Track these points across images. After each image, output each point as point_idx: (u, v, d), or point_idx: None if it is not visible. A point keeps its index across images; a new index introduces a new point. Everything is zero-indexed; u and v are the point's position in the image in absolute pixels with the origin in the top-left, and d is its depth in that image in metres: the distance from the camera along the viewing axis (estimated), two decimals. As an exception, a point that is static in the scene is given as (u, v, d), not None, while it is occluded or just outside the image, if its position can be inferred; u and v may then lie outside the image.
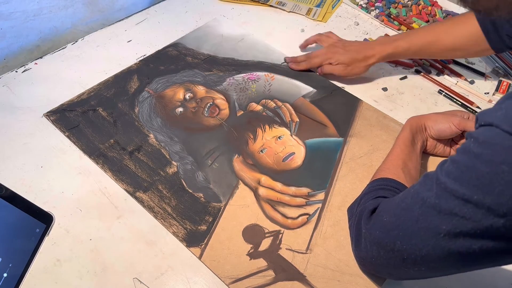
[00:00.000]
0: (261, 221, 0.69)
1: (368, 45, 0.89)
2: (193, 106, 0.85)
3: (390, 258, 0.54)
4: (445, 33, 0.85)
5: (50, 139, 0.77)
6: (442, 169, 0.48)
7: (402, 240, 0.51)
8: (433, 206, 0.47)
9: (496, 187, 0.41)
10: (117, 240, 0.66)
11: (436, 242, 0.47)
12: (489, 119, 0.44)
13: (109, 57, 0.93)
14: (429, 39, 0.85)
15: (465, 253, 0.46)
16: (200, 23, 1.03)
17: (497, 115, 0.43)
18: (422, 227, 0.48)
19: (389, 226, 0.53)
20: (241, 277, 0.63)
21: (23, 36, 0.94)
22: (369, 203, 0.60)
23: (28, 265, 0.46)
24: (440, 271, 0.53)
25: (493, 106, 0.46)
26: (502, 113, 0.43)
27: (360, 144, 0.80)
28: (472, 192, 0.43)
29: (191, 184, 0.73)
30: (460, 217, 0.45)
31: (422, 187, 0.50)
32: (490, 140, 0.43)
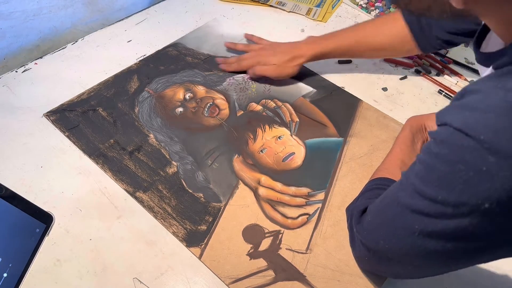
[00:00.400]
0: (261, 221, 0.69)
1: (296, 45, 0.89)
2: (193, 106, 0.85)
3: (378, 257, 0.55)
4: (373, 33, 0.86)
5: (50, 139, 0.77)
6: (413, 169, 0.48)
7: (384, 239, 0.52)
8: (406, 205, 0.47)
9: (456, 187, 0.42)
10: (117, 240, 0.66)
11: (413, 241, 0.48)
12: (443, 118, 0.44)
13: (109, 57, 0.93)
14: (356, 39, 0.86)
15: (441, 252, 0.47)
16: (200, 23, 1.03)
17: (451, 113, 0.44)
18: (399, 227, 0.49)
19: (372, 226, 0.54)
20: (241, 277, 0.63)
21: (22, 36, 0.94)
22: (360, 203, 0.60)
23: (28, 265, 0.46)
24: (427, 270, 0.53)
25: (449, 105, 0.46)
26: (456, 111, 0.43)
27: (360, 144, 0.80)
28: (436, 192, 0.44)
29: (191, 184, 0.73)
30: (430, 217, 0.45)
31: (399, 186, 0.50)
32: (446, 140, 0.43)
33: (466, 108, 0.42)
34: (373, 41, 0.86)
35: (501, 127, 0.39)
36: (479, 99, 0.42)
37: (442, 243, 0.46)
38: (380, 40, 0.85)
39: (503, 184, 0.39)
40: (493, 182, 0.39)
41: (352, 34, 0.87)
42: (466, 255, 0.47)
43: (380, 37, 0.85)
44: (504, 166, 0.39)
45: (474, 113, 0.41)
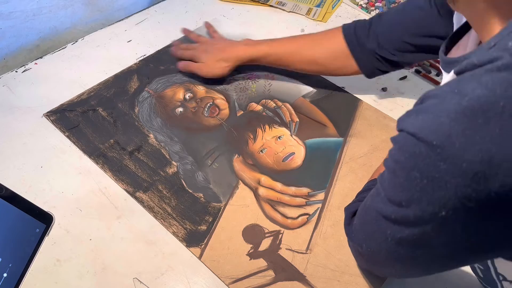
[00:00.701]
0: (261, 221, 0.69)
1: (233, 46, 0.87)
2: (193, 106, 0.85)
3: (366, 259, 0.55)
4: (308, 45, 0.84)
5: (50, 139, 0.77)
6: (383, 174, 0.47)
7: (365, 242, 0.51)
8: (379, 210, 0.47)
9: (414, 194, 0.41)
10: (117, 240, 0.66)
11: (388, 246, 0.47)
12: (401, 124, 0.43)
13: (109, 57, 0.93)
14: (291, 49, 0.84)
15: (414, 258, 0.47)
16: (200, 23, 1.03)
17: (408, 120, 0.42)
18: (375, 231, 0.48)
19: (356, 229, 0.54)
20: (241, 277, 0.63)
21: (22, 35, 0.94)
22: (353, 206, 0.60)
23: (28, 265, 0.46)
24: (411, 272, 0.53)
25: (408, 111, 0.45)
26: (413, 117, 0.42)
27: (360, 144, 0.80)
28: (400, 198, 0.43)
29: (191, 184, 0.73)
30: (398, 223, 0.45)
31: (375, 191, 0.50)
32: (402, 146, 0.42)
33: (422, 112, 0.41)
34: (305, 55, 0.84)
35: (454, 132, 0.38)
36: (434, 104, 0.41)
37: (412, 249, 0.45)
38: (312, 54, 0.83)
39: (456, 191, 0.38)
40: (447, 190, 0.38)
41: (288, 43, 0.85)
42: (437, 261, 0.47)
43: (312, 52, 0.83)
44: (455, 172, 0.38)
45: (428, 117, 0.40)
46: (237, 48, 0.86)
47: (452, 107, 0.39)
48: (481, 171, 0.37)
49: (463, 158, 0.37)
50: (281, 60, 0.85)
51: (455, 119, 0.38)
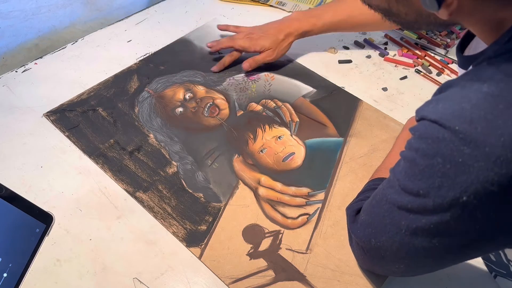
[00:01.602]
0: (261, 221, 0.69)
1: (286, 23, 0.89)
2: (193, 106, 0.85)
3: (371, 256, 0.55)
4: (359, 10, 0.86)
5: (50, 139, 0.77)
6: (398, 165, 0.48)
7: (375, 237, 0.52)
8: (393, 202, 0.48)
9: (435, 180, 0.42)
10: (117, 240, 0.66)
11: (401, 238, 0.48)
12: (421, 113, 0.44)
13: (109, 57, 0.93)
14: (342, 17, 0.87)
15: (428, 249, 0.47)
16: (200, 23, 1.03)
17: (428, 108, 0.44)
18: (387, 223, 0.49)
19: (365, 225, 0.54)
20: (241, 277, 0.63)
21: (21, 35, 0.94)
22: (356, 204, 0.60)
23: (28, 265, 0.46)
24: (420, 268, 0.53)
25: (427, 101, 0.46)
26: (433, 105, 0.43)
27: (360, 144, 0.80)
28: (418, 187, 0.44)
29: (191, 184, 0.73)
30: (414, 213, 0.45)
31: (387, 183, 0.50)
32: (423, 134, 0.43)
33: (442, 100, 0.43)
34: (357, 20, 0.87)
35: (476, 117, 0.39)
36: (454, 91, 0.42)
37: (428, 240, 0.46)
38: (364, 18, 0.86)
39: (478, 175, 0.39)
40: (469, 174, 0.39)
41: (338, 12, 0.87)
42: (453, 251, 0.47)
43: (364, 15, 0.85)
44: (478, 156, 0.38)
45: (449, 104, 0.41)
46: (294, 24, 0.88)
47: (473, 93, 0.40)
48: (503, 155, 0.38)
49: (486, 142, 0.38)
50: (334, 29, 0.89)
51: (476, 104, 0.39)
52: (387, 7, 0.49)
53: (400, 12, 0.48)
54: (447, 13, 0.43)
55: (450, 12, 0.43)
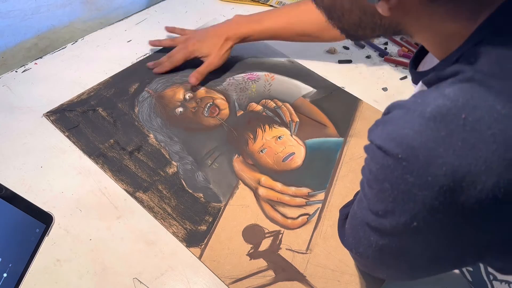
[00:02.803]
0: (261, 221, 0.69)
1: (225, 27, 0.86)
2: (193, 106, 0.85)
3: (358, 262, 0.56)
4: (297, 18, 0.84)
5: (50, 139, 0.77)
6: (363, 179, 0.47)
7: (355, 248, 0.51)
8: (362, 217, 0.47)
9: (388, 205, 0.41)
10: (117, 240, 0.66)
11: (373, 252, 0.47)
12: (370, 135, 0.43)
13: (109, 57, 0.92)
14: (282, 24, 0.85)
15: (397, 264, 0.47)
16: (200, 23, 1.03)
17: (376, 131, 0.42)
18: (361, 237, 0.48)
19: (347, 234, 0.54)
20: (241, 277, 0.63)
21: (21, 34, 0.94)
22: (346, 208, 0.59)
23: (28, 265, 0.46)
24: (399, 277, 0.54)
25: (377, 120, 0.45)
26: (379, 129, 0.42)
27: (360, 144, 0.80)
28: (377, 207, 0.43)
29: (191, 184, 0.73)
30: (378, 232, 0.45)
31: (359, 196, 0.49)
32: (373, 158, 0.42)
33: (388, 123, 0.41)
34: (296, 28, 0.85)
35: (417, 145, 0.38)
36: (399, 114, 0.41)
37: (393, 257, 0.46)
38: (302, 27, 0.84)
39: (425, 204, 0.38)
40: (416, 202, 0.39)
41: (278, 19, 0.85)
42: (419, 268, 0.47)
43: (303, 24, 0.84)
44: (421, 186, 0.38)
45: (393, 129, 0.40)
46: (233, 27, 0.85)
47: (416, 118, 0.38)
48: (446, 185, 0.37)
49: (428, 171, 0.37)
50: (274, 36, 0.86)
51: (418, 131, 0.38)
52: (331, 2, 0.47)
53: (344, 9, 0.46)
54: (387, 7, 0.41)
55: (390, 6, 0.41)
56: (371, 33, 0.48)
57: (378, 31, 0.47)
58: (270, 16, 0.86)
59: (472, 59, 0.39)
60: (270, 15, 0.86)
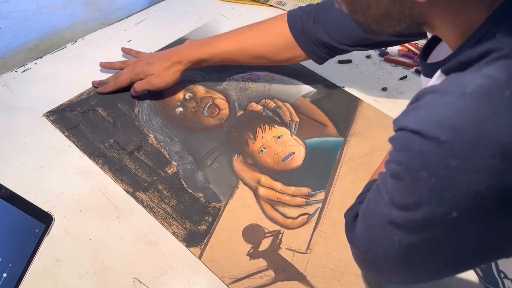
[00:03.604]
0: (261, 221, 0.69)
1: (176, 51, 0.83)
2: (193, 106, 0.85)
3: (369, 267, 0.53)
4: (252, 40, 0.81)
5: (50, 139, 0.77)
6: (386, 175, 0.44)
7: (371, 250, 0.48)
8: (383, 215, 0.44)
9: (423, 196, 0.38)
10: (117, 240, 0.66)
11: (395, 253, 0.45)
12: (400, 122, 0.41)
13: (109, 57, 0.92)
14: (236, 46, 0.82)
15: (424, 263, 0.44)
16: (200, 23, 1.03)
17: (407, 117, 0.41)
18: (381, 237, 0.45)
19: (360, 236, 0.51)
20: (241, 277, 0.63)
21: (22, 35, 0.94)
22: (353, 210, 0.57)
23: (27, 265, 0.46)
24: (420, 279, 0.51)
25: (404, 110, 0.43)
26: (412, 114, 0.40)
27: (360, 144, 0.80)
28: (406, 201, 0.40)
29: (191, 184, 0.73)
30: (404, 229, 0.42)
31: (377, 193, 0.46)
32: (405, 146, 0.40)
33: (421, 108, 0.39)
34: (253, 50, 0.82)
35: (462, 125, 0.35)
36: (435, 98, 0.39)
37: (421, 255, 0.43)
38: (260, 48, 0.81)
39: (469, 189, 0.36)
40: (458, 189, 0.36)
41: (234, 40, 0.82)
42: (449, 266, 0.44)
43: (261, 45, 0.81)
44: (467, 168, 0.35)
45: (431, 111, 0.38)
46: (185, 51, 0.82)
47: (455, 99, 0.36)
48: (494, 166, 0.34)
49: (474, 152, 0.35)
50: (228, 59, 0.83)
51: (460, 111, 0.36)
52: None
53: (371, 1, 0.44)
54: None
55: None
56: (396, 25, 0.46)
57: (403, 23, 0.45)
58: (223, 39, 0.83)
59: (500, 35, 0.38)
60: (223, 38, 0.83)
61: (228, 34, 0.84)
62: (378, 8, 0.44)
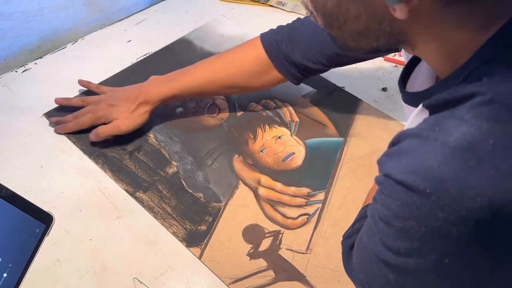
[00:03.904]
0: (261, 221, 0.69)
1: (142, 90, 0.76)
2: (193, 106, 0.85)
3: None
4: (222, 70, 0.76)
5: (50, 139, 0.77)
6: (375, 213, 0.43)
7: (367, 284, 0.47)
8: (376, 254, 0.43)
9: (414, 242, 0.38)
10: (117, 240, 0.66)
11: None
12: (384, 169, 0.40)
13: (109, 57, 0.92)
14: (206, 78, 0.76)
15: None
16: (200, 23, 1.03)
17: (391, 164, 0.39)
18: (376, 273, 0.44)
19: (357, 269, 0.50)
20: (241, 277, 0.63)
21: (23, 36, 0.94)
22: (351, 239, 0.56)
23: (28, 265, 0.46)
24: None
25: (386, 151, 0.42)
26: (395, 161, 0.39)
27: (360, 144, 0.80)
28: (398, 245, 0.40)
29: (191, 184, 0.73)
30: (399, 270, 0.41)
31: (368, 229, 0.45)
32: (391, 194, 0.39)
33: (404, 154, 0.38)
34: (224, 79, 0.77)
35: (446, 177, 0.35)
36: (417, 144, 0.38)
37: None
38: (232, 77, 0.76)
39: (459, 239, 0.35)
40: (448, 238, 0.36)
41: (203, 72, 0.77)
42: None
43: (232, 73, 0.76)
44: (455, 221, 0.35)
45: (413, 161, 0.37)
46: (151, 89, 0.76)
47: (439, 148, 0.36)
48: (482, 217, 0.34)
49: (461, 205, 0.34)
50: (199, 93, 0.79)
51: (445, 162, 0.35)
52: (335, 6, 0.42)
53: (349, 13, 0.41)
54: (407, 9, 0.37)
55: (410, 8, 0.37)
56: (374, 41, 0.44)
57: (382, 40, 0.43)
58: (191, 72, 0.77)
59: (486, 78, 0.37)
60: (191, 71, 0.77)
61: (196, 66, 0.78)
62: (356, 23, 0.42)
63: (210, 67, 0.77)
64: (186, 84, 0.76)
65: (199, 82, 0.76)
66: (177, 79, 0.77)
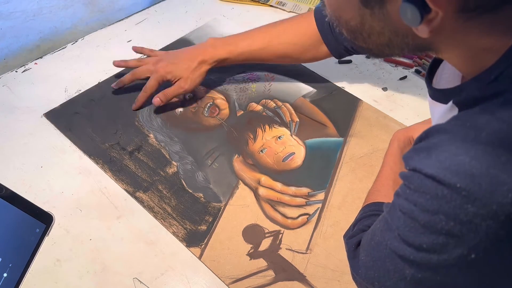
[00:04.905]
0: (261, 221, 0.69)
1: (200, 50, 0.81)
2: (193, 106, 0.85)
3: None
4: (277, 39, 0.80)
5: (50, 139, 0.77)
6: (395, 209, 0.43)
7: (378, 281, 0.47)
8: (393, 249, 0.43)
9: (440, 237, 0.38)
10: (117, 240, 0.66)
11: (406, 286, 0.43)
12: (413, 163, 0.40)
13: (109, 57, 0.92)
14: (261, 45, 0.80)
15: None
16: (200, 23, 1.03)
17: (420, 159, 0.40)
18: (390, 270, 0.44)
19: (367, 267, 0.49)
20: (241, 277, 0.63)
21: (23, 36, 0.94)
22: (355, 238, 0.56)
23: (28, 265, 0.46)
24: None
25: (413, 147, 0.42)
26: (424, 156, 0.39)
27: (360, 144, 0.80)
28: (420, 241, 0.40)
29: (191, 184, 0.73)
30: (418, 265, 0.41)
31: (385, 225, 0.45)
32: (420, 188, 0.39)
33: (434, 150, 0.39)
34: (277, 48, 0.81)
35: (478, 172, 0.35)
36: (447, 140, 0.38)
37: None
38: (284, 47, 0.81)
39: (488, 234, 0.36)
40: (477, 233, 0.36)
41: (258, 38, 0.81)
42: None
43: (286, 44, 0.80)
44: (486, 215, 0.35)
45: (444, 156, 0.37)
46: (210, 50, 0.80)
47: (470, 143, 0.36)
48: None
49: (492, 200, 0.35)
50: (252, 58, 0.82)
51: (476, 157, 0.36)
52: (359, 24, 0.44)
53: (373, 30, 0.43)
54: (428, 30, 0.38)
55: (431, 29, 0.38)
56: (398, 52, 0.45)
57: (406, 51, 0.45)
58: (247, 38, 0.81)
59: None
60: (247, 36, 0.82)
61: (252, 32, 0.83)
62: (380, 38, 0.44)
63: (266, 35, 0.81)
64: (242, 49, 0.81)
65: (254, 48, 0.81)
66: (234, 43, 0.81)
